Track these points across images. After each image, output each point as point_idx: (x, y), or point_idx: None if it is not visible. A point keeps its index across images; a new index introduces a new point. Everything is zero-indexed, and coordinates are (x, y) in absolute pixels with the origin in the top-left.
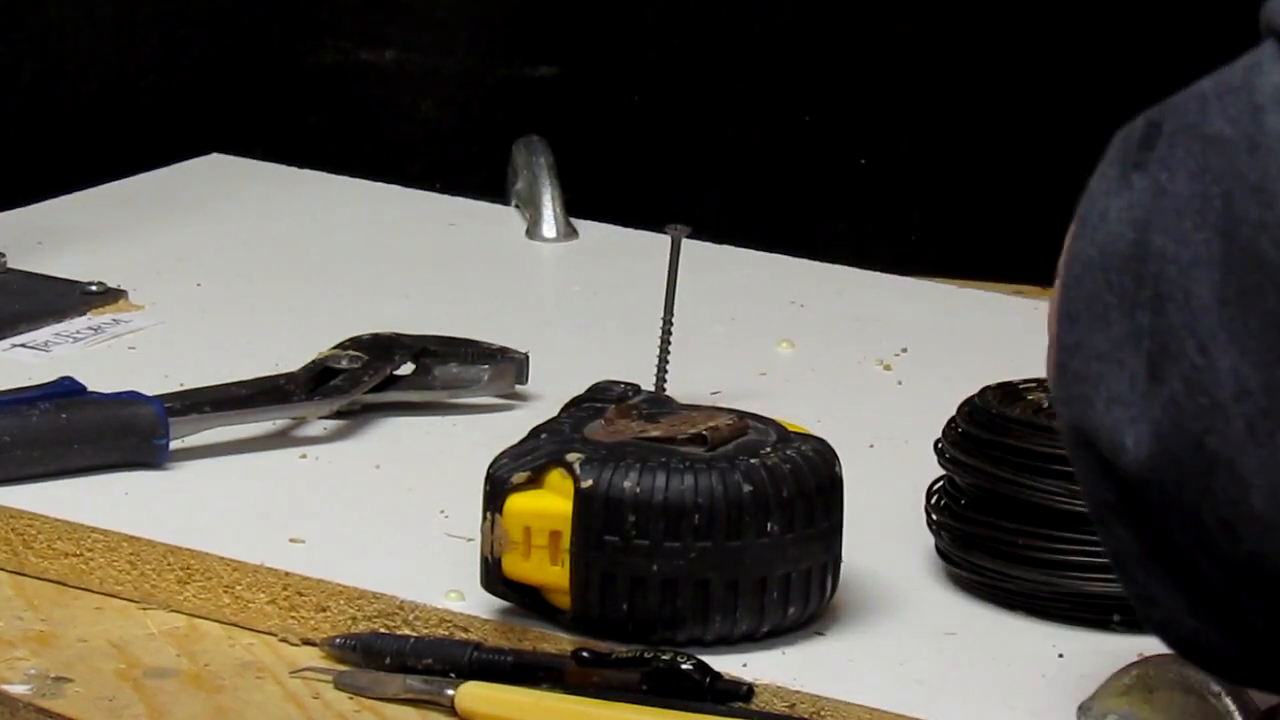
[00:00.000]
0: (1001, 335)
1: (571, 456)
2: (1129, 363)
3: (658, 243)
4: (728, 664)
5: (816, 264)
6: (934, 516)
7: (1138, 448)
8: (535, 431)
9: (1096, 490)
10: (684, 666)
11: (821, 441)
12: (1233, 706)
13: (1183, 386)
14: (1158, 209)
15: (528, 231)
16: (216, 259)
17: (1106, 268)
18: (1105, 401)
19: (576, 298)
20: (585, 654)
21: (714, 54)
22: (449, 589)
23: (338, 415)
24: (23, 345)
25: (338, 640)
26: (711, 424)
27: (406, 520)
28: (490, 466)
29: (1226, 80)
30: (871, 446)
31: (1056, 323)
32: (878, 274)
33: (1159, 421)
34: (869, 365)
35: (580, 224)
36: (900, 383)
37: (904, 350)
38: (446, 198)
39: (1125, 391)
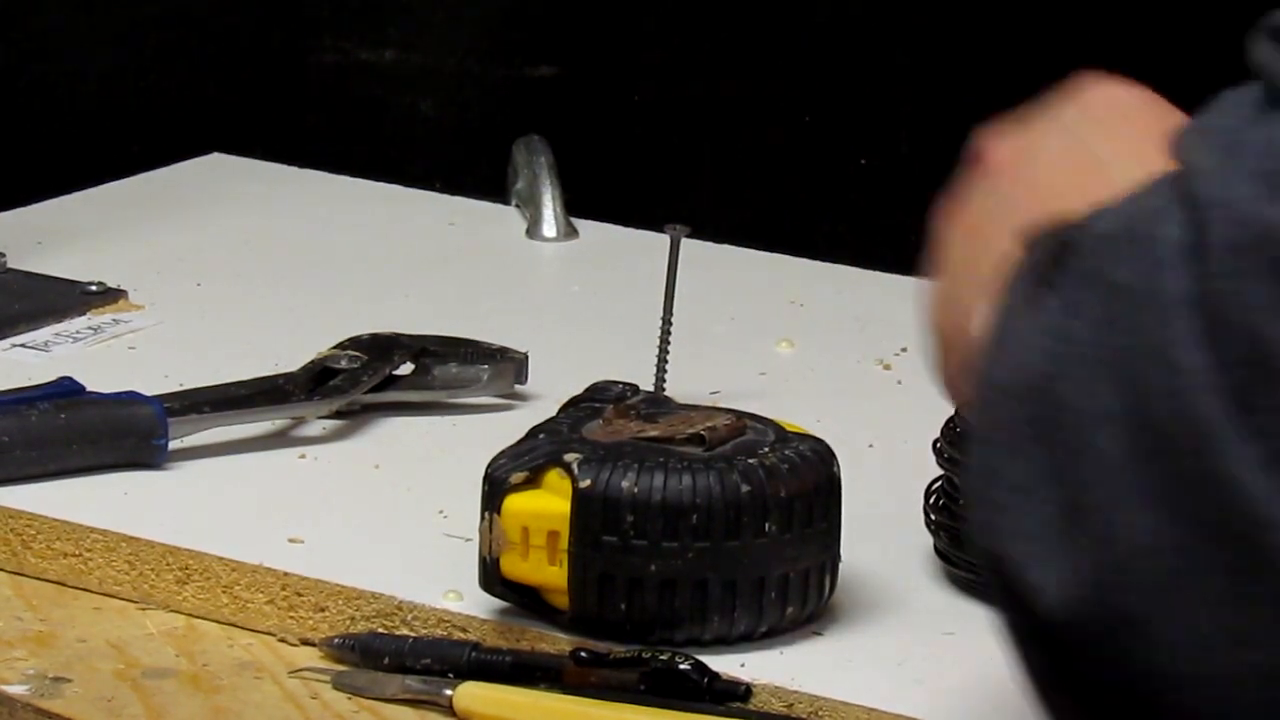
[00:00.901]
0: None
1: (570, 457)
2: (1046, 501)
3: (658, 243)
4: (726, 664)
5: (816, 264)
6: (933, 516)
7: (1056, 591)
8: (533, 431)
9: (1015, 623)
10: (682, 666)
11: (820, 441)
12: None
13: (1094, 541)
14: (1066, 355)
15: (528, 231)
16: (216, 259)
17: (1020, 397)
18: (1023, 538)
19: (576, 297)
20: (583, 654)
21: (714, 54)
22: (447, 589)
23: (337, 415)
24: (22, 345)
25: (336, 640)
26: (709, 424)
27: (405, 520)
28: (488, 466)
29: (1135, 222)
30: (871, 446)
31: (973, 444)
32: (878, 273)
33: (1076, 569)
34: (869, 365)
35: (580, 224)
36: (900, 382)
37: (904, 350)
38: (446, 197)
39: (1040, 530)
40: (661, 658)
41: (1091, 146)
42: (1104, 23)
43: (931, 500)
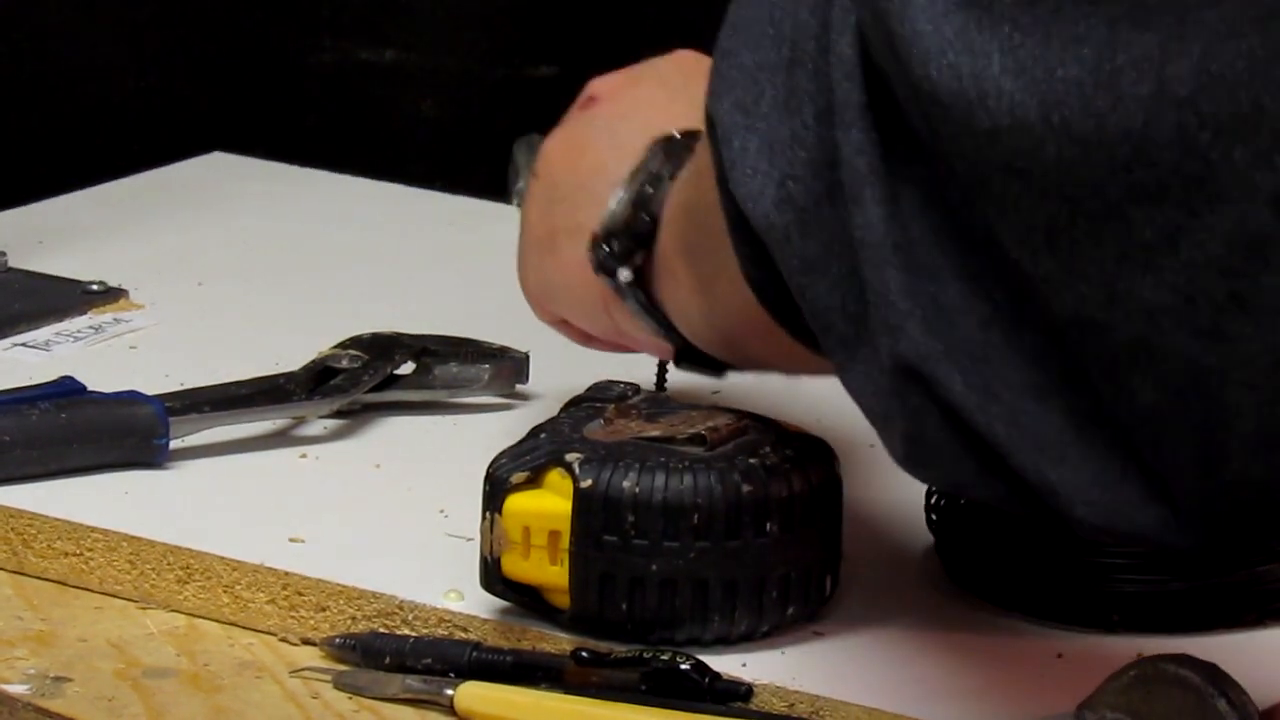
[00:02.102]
0: None
1: (571, 456)
2: (767, 90)
3: None
4: (727, 664)
5: None
6: (934, 516)
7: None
8: (535, 431)
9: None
10: (683, 666)
11: (820, 441)
12: (1232, 706)
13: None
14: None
15: None
16: (218, 258)
17: (774, 5)
18: (729, 104)
19: None
20: (584, 654)
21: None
22: (448, 589)
23: (338, 415)
24: (23, 345)
25: (337, 640)
26: (711, 424)
27: (406, 520)
28: (490, 466)
29: None
30: (871, 446)
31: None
32: None
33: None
34: None
35: None
36: None
37: None
38: (447, 196)
39: (757, 107)
40: (662, 657)
41: (681, 85)
42: None
43: (932, 500)
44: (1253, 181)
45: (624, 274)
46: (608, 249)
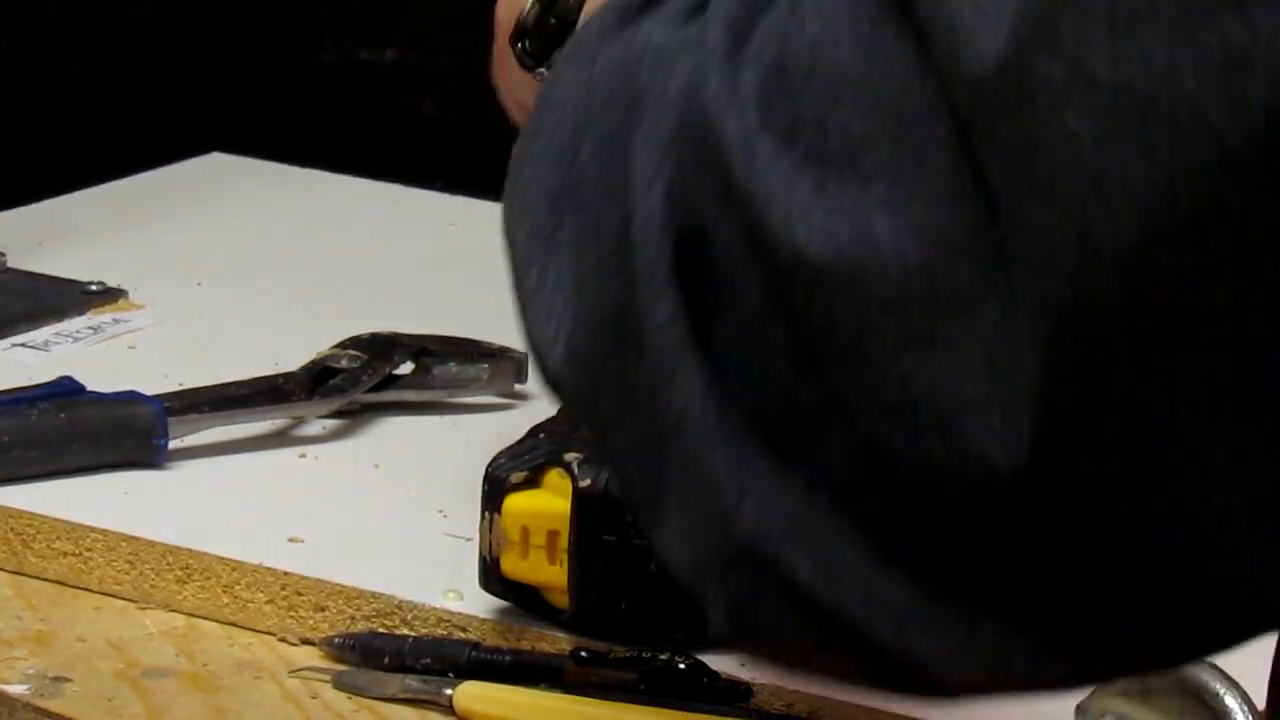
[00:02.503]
0: None
1: (570, 456)
2: (555, 213)
3: None
4: (725, 663)
5: None
6: None
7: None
8: (534, 431)
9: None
10: (682, 666)
11: None
12: (1232, 706)
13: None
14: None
15: None
16: (217, 258)
17: (575, 127)
18: (525, 231)
19: None
20: (583, 653)
21: None
22: (447, 589)
23: (337, 415)
24: (22, 345)
25: (336, 640)
26: None
27: (405, 520)
28: (489, 466)
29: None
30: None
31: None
32: None
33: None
34: None
35: None
36: None
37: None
38: (447, 197)
39: (541, 219)
40: (661, 657)
41: None
42: None
43: None
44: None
45: (541, 72)
46: (522, 46)
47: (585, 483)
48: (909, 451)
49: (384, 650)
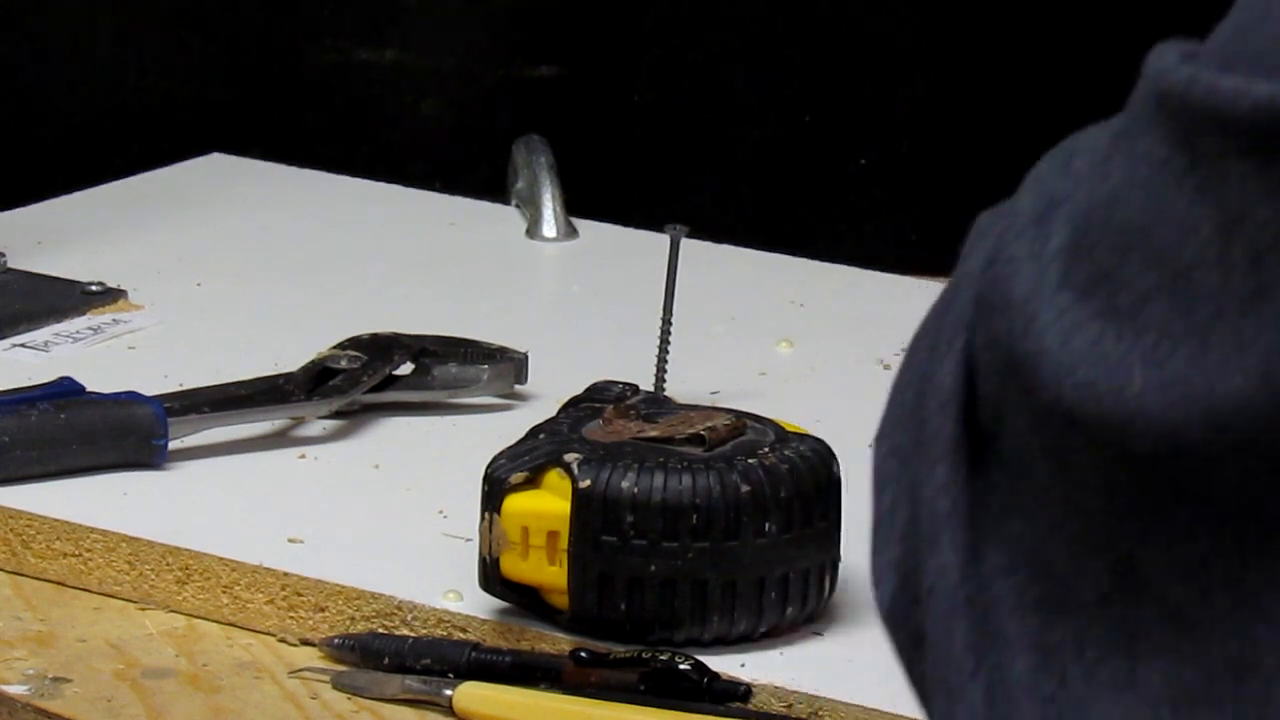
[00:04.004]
0: None
1: (569, 457)
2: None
3: (658, 243)
4: (725, 664)
5: (817, 264)
6: None
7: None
8: (533, 431)
9: None
10: (682, 666)
11: (819, 441)
12: None
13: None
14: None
15: (528, 231)
16: (217, 259)
17: (917, 341)
18: (885, 449)
19: (576, 298)
20: (583, 654)
21: (714, 54)
22: (447, 589)
23: (337, 415)
24: (22, 345)
25: (336, 640)
26: (709, 424)
27: (405, 520)
28: (488, 466)
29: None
30: (870, 446)
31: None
32: (878, 274)
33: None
34: (869, 365)
35: (581, 224)
36: None
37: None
38: (447, 197)
39: (901, 438)
40: (661, 658)
41: None
42: (1103, 22)
43: None
44: None
45: None
46: None
47: (585, 483)
48: None
49: (384, 651)
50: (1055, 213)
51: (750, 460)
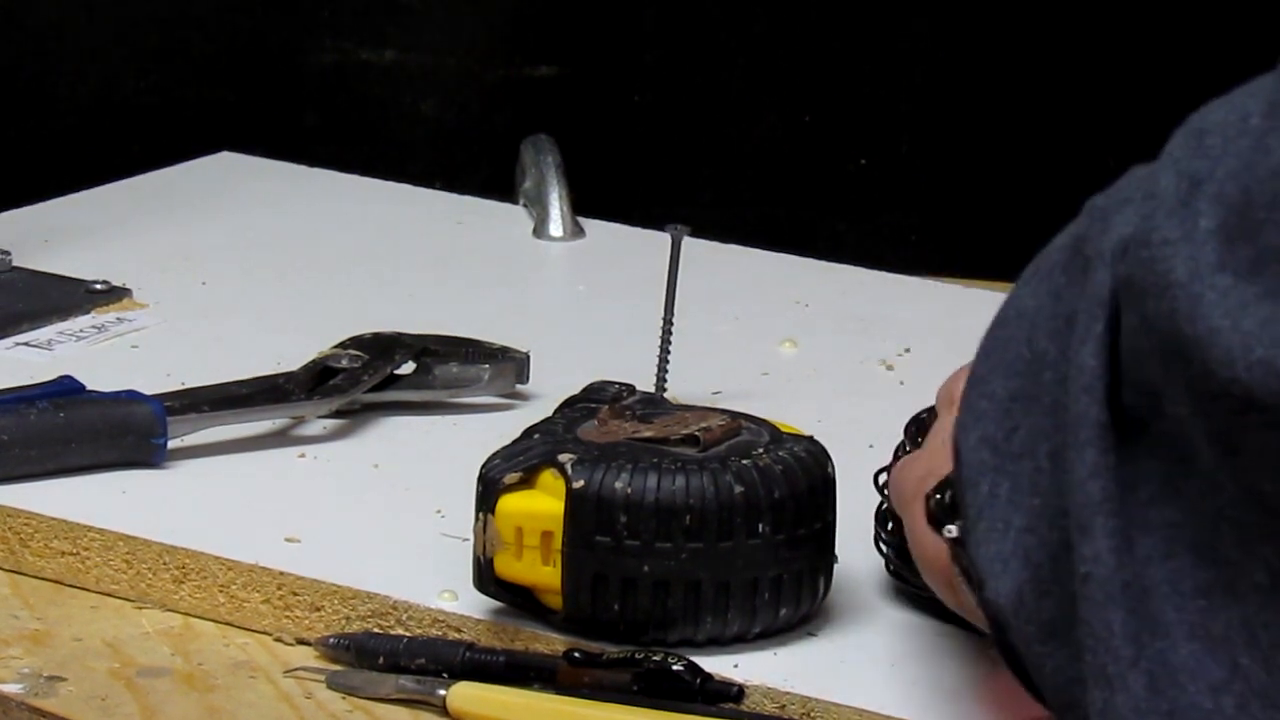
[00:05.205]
0: None
1: (563, 457)
2: (1021, 424)
3: (664, 242)
4: (719, 665)
5: (821, 263)
6: (883, 536)
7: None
8: (528, 432)
9: None
10: (675, 667)
11: (814, 442)
12: None
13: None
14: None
15: (535, 230)
16: (223, 257)
17: (1032, 325)
18: (975, 438)
19: (581, 297)
20: (577, 654)
21: (714, 54)
22: (443, 589)
23: (337, 414)
24: (25, 344)
25: (331, 640)
26: (704, 425)
27: (403, 520)
28: (483, 467)
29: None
30: (871, 447)
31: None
32: (882, 274)
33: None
34: (872, 365)
35: (587, 223)
36: (902, 383)
37: (907, 350)
38: (455, 196)
39: (993, 427)
40: (655, 658)
41: None
42: (1102, 22)
43: (889, 527)
44: None
45: (950, 530)
46: (940, 496)
47: (579, 483)
48: None
49: (379, 650)
50: (1198, 193)
51: (744, 461)
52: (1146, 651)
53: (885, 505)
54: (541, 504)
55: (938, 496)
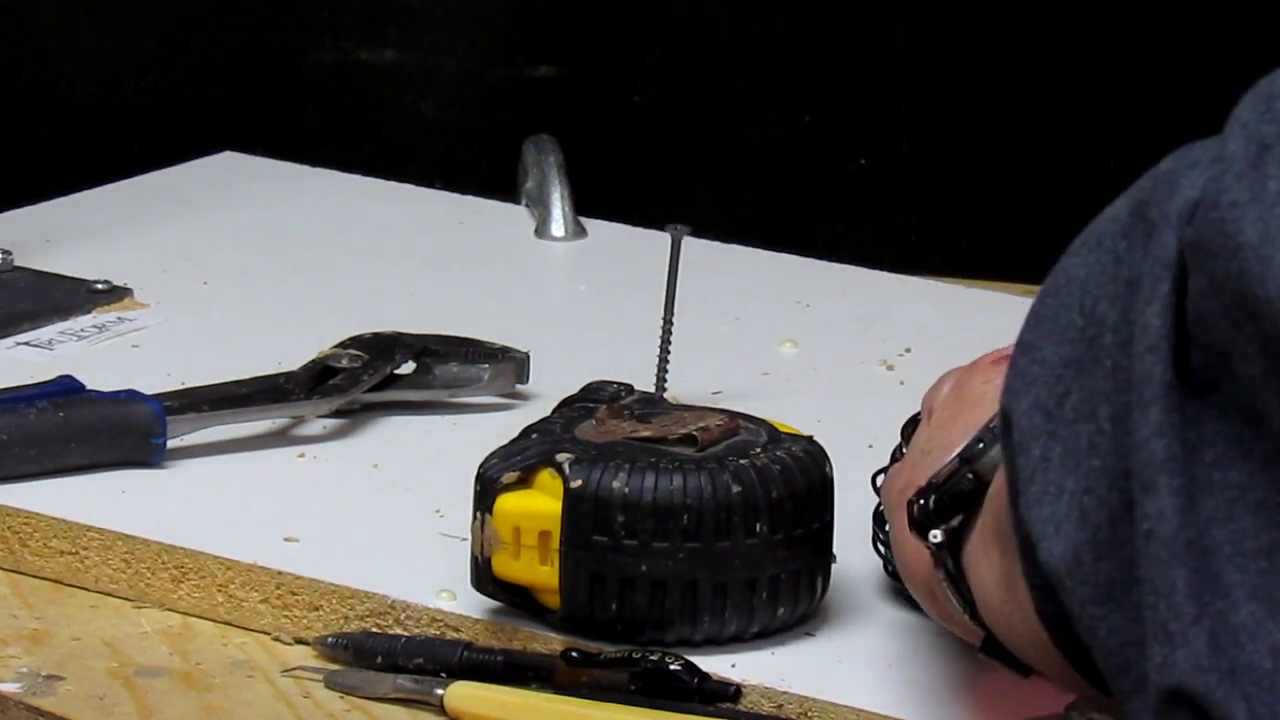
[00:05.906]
0: (1004, 336)
1: (561, 457)
2: (1073, 390)
3: (664, 242)
4: (716, 664)
5: (821, 263)
6: (881, 535)
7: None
8: (526, 431)
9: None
10: (672, 667)
11: (812, 442)
12: None
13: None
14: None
15: (536, 230)
16: (224, 257)
17: (1085, 291)
18: (1028, 403)
19: (583, 297)
20: (574, 654)
21: (714, 54)
22: (441, 589)
23: (337, 414)
24: (26, 344)
25: (329, 639)
26: (702, 424)
27: (402, 520)
28: (480, 466)
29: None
30: (871, 447)
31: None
32: (882, 274)
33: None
34: (872, 365)
35: (589, 223)
36: (903, 383)
37: (907, 350)
38: (457, 196)
39: (1045, 393)
40: (652, 658)
41: None
42: (1102, 22)
43: (881, 519)
44: None
45: (935, 534)
46: (923, 503)
47: (576, 483)
48: None
49: (377, 650)
50: (1268, 156)
51: (742, 461)
52: (1208, 610)
53: (880, 509)
54: (539, 504)
55: (920, 503)
